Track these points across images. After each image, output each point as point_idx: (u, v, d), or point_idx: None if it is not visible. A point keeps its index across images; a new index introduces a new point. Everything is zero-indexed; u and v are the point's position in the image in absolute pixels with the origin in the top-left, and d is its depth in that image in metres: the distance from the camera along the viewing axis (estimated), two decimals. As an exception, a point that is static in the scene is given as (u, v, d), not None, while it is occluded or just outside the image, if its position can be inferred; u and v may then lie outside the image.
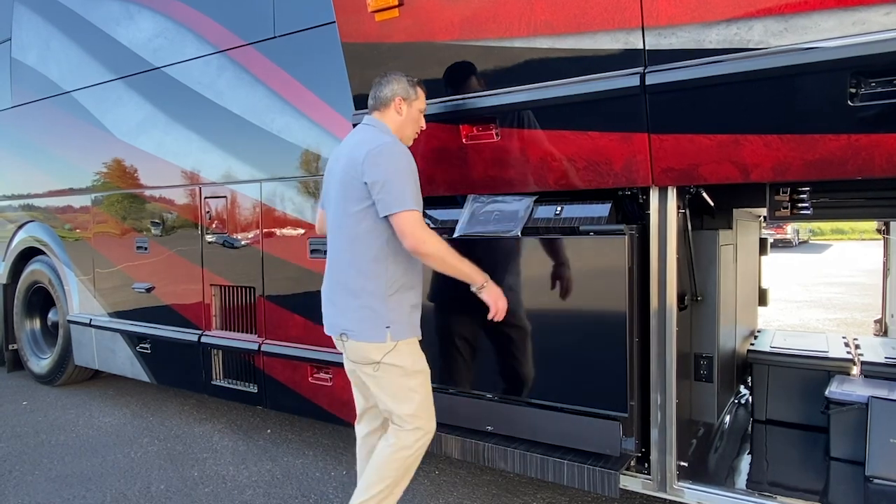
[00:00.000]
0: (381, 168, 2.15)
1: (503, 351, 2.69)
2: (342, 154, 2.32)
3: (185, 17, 3.94)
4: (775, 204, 2.31)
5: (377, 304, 2.21)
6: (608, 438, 2.44)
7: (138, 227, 4.41)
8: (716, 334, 2.75)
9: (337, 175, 2.31)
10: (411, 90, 2.37)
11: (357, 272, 2.22)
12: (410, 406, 2.27)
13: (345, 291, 2.26)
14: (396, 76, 2.37)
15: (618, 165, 2.31)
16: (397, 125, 2.36)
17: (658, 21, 2.07)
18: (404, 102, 2.36)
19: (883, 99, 1.82)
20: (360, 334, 2.23)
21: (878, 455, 2.44)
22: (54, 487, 3.24)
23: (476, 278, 2.34)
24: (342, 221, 2.27)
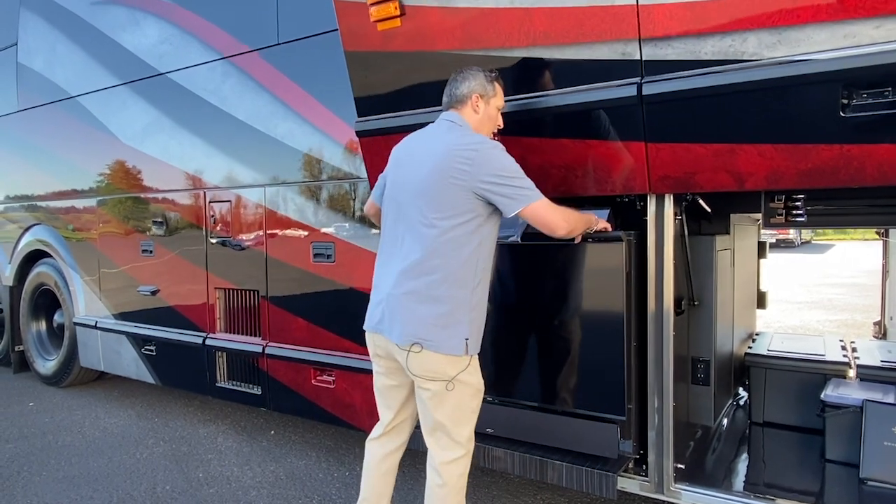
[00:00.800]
0: (493, 165, 2.06)
1: (504, 355, 2.72)
2: (422, 154, 2.18)
3: (190, 24, 4.00)
4: (770, 211, 2.35)
5: (462, 312, 2.08)
6: (606, 441, 2.48)
7: (143, 230, 4.46)
8: (713, 338, 2.79)
9: (420, 175, 2.13)
10: (489, 86, 2.25)
11: (447, 279, 2.06)
12: (469, 427, 2.17)
13: (422, 298, 2.07)
14: (473, 72, 2.25)
15: (615, 173, 2.36)
16: (475, 123, 2.25)
17: (654, 32, 2.11)
18: (481, 100, 2.24)
19: (873, 110, 1.86)
20: (440, 345, 2.05)
21: (872, 457, 2.48)
22: (62, 488, 3.30)
23: (592, 221, 2.34)
24: (425, 225, 2.09)
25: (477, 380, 2.17)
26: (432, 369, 2.08)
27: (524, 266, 2.67)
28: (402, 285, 2.11)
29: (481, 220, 2.10)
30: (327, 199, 3.47)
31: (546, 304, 2.62)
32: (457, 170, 2.05)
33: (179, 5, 4.05)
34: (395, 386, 2.29)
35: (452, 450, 2.15)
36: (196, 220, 4.11)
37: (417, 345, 2.06)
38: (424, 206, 2.10)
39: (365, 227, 3.30)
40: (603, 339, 2.47)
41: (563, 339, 2.59)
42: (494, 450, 2.66)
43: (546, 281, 2.61)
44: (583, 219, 2.27)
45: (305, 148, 3.52)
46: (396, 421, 2.34)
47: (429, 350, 2.06)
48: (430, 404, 2.13)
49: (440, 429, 2.15)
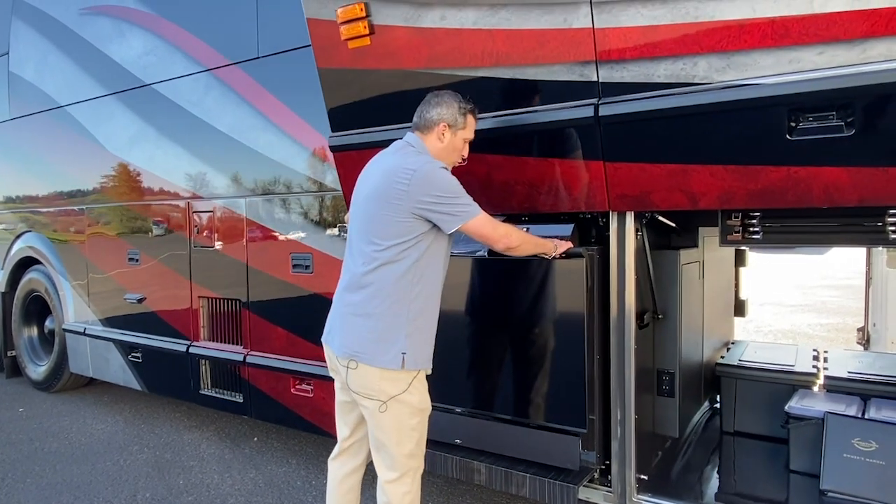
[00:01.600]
0: (433, 185, 2.08)
1: (469, 367, 2.78)
2: (374, 172, 2.22)
3: (174, 36, 4.05)
4: (727, 228, 2.39)
5: (397, 328, 2.09)
6: (568, 453, 2.53)
7: (130, 238, 4.52)
8: (677, 350, 2.83)
9: (366, 192, 2.20)
10: (460, 118, 2.25)
11: (376, 293, 2.09)
12: (409, 445, 2.16)
13: (359, 312, 2.12)
14: (448, 100, 2.25)
15: (577, 191, 2.40)
16: (437, 151, 2.24)
17: (610, 55, 2.16)
18: (448, 130, 2.24)
19: (818, 134, 1.90)
20: (374, 358, 2.08)
21: (833, 469, 2.52)
22: (44, 495, 3.36)
23: (550, 247, 2.36)
24: (365, 240, 2.15)
25: (418, 399, 2.15)
26: (368, 386, 2.10)
27: (490, 280, 2.73)
28: (343, 299, 2.19)
29: (420, 237, 2.12)
30: (305, 210, 3.52)
31: (510, 318, 2.67)
32: (395, 190, 2.09)
33: (164, 18, 4.10)
34: (348, 402, 2.30)
35: (393, 469, 2.16)
36: (180, 229, 4.16)
37: (353, 360, 2.10)
38: (365, 225, 2.17)
39: (342, 239, 3.35)
40: (564, 353, 2.52)
41: (526, 352, 2.63)
42: (462, 460, 2.71)
43: (510, 295, 2.65)
44: (532, 240, 2.31)
45: (284, 160, 3.57)
46: (352, 439, 2.35)
47: (363, 364, 2.08)
48: (371, 422, 2.16)
49: (381, 447, 2.17)
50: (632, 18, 2.08)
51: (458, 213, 2.11)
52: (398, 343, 2.08)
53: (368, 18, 2.63)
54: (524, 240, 2.27)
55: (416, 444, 2.19)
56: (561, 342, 2.53)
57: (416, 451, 2.19)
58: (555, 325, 2.56)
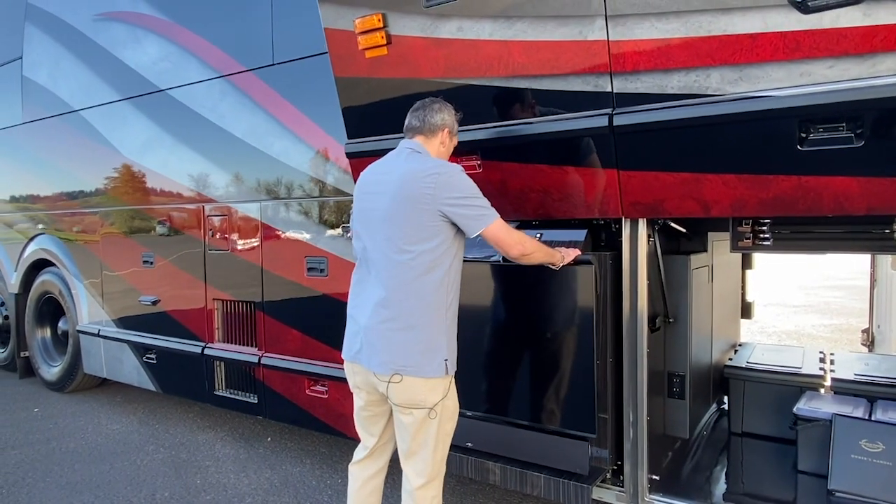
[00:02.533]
0: (457, 188, 2.11)
1: (480, 372, 2.80)
2: (386, 181, 2.19)
3: (189, 43, 4.11)
4: (738, 235, 2.45)
5: (439, 336, 2.13)
6: (577, 457, 2.58)
7: (144, 241, 4.59)
8: (688, 353, 2.89)
9: (386, 203, 2.16)
10: (455, 125, 2.35)
11: (421, 305, 2.10)
12: (444, 451, 2.22)
13: (400, 326, 2.11)
14: (447, 106, 2.31)
15: (590, 198, 2.46)
16: (437, 155, 2.29)
17: (624, 67, 2.22)
18: (450, 135, 2.32)
19: (828, 144, 1.96)
20: (421, 369, 2.09)
21: (841, 470, 2.57)
22: (65, 494, 3.43)
23: (558, 257, 2.38)
24: (394, 250, 2.12)
25: (454, 403, 2.24)
26: (413, 398, 2.12)
27: (500, 286, 2.78)
28: (379, 314, 2.14)
29: (449, 241, 2.15)
30: (320, 215, 3.58)
31: (519, 323, 2.73)
32: (422, 194, 2.10)
33: (179, 24, 4.17)
34: (375, 415, 2.33)
35: (427, 474, 2.19)
36: (195, 233, 4.23)
37: (398, 374, 2.10)
38: (393, 233, 2.13)
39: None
40: (574, 359, 2.57)
41: (536, 357, 2.68)
42: (477, 460, 2.77)
43: (520, 301, 2.71)
44: (543, 249, 2.34)
45: (299, 165, 3.64)
46: (378, 444, 2.38)
47: (410, 377, 2.09)
48: (411, 430, 2.16)
49: (415, 454, 2.19)
50: (646, 31, 2.14)
51: (481, 215, 2.14)
52: (441, 351, 2.13)
53: (386, 29, 2.69)
54: (536, 248, 2.30)
55: (446, 451, 2.25)
56: (570, 348, 2.58)
57: (445, 455, 2.25)
58: (564, 330, 2.61)
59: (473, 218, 2.13)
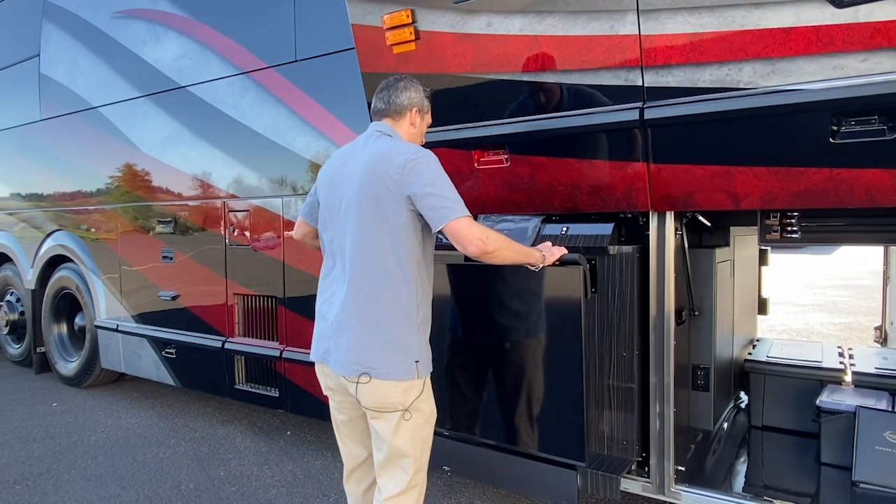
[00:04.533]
0: (426, 177, 1.93)
1: (457, 386, 2.64)
2: (356, 168, 2.03)
3: (210, 40, 4.15)
4: (766, 228, 2.48)
5: (408, 335, 1.97)
6: (564, 487, 2.36)
7: (164, 236, 4.62)
8: (713, 346, 2.92)
9: (352, 191, 2.01)
10: (426, 102, 2.21)
11: (389, 301, 1.95)
12: (423, 458, 2.05)
13: (366, 324, 1.96)
14: (414, 84, 2.17)
15: (619, 191, 2.49)
16: (409, 137, 2.15)
17: (656, 61, 2.24)
18: (419, 115, 2.18)
19: (860, 137, 1.98)
20: (389, 371, 1.94)
21: (864, 461, 2.60)
22: (90, 486, 3.46)
23: (536, 257, 2.17)
24: (361, 244, 1.98)
25: (430, 405, 2.07)
26: (384, 401, 1.96)
27: (476, 291, 2.62)
28: (346, 311, 1.99)
29: (418, 233, 1.99)
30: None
31: (499, 333, 2.55)
32: (390, 181, 1.94)
33: (200, 21, 4.20)
34: (353, 420, 2.16)
35: (405, 483, 2.02)
36: (215, 228, 4.26)
37: (366, 375, 1.94)
38: (359, 224, 1.98)
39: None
40: (560, 376, 2.37)
41: (517, 373, 2.48)
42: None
43: (497, 307, 2.56)
44: (514, 247, 2.09)
45: (323, 160, 3.65)
46: (364, 456, 2.20)
47: (378, 379, 1.94)
48: (385, 435, 2.00)
49: (394, 462, 2.02)
50: (679, 26, 2.17)
51: (447, 208, 1.92)
52: (412, 351, 1.97)
53: (414, 24, 2.72)
54: (503, 245, 2.01)
55: (426, 455, 2.08)
56: (555, 363, 2.39)
57: (425, 464, 2.08)
58: (547, 343, 2.40)
59: (438, 209, 1.91)
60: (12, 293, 6.36)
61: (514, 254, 2.09)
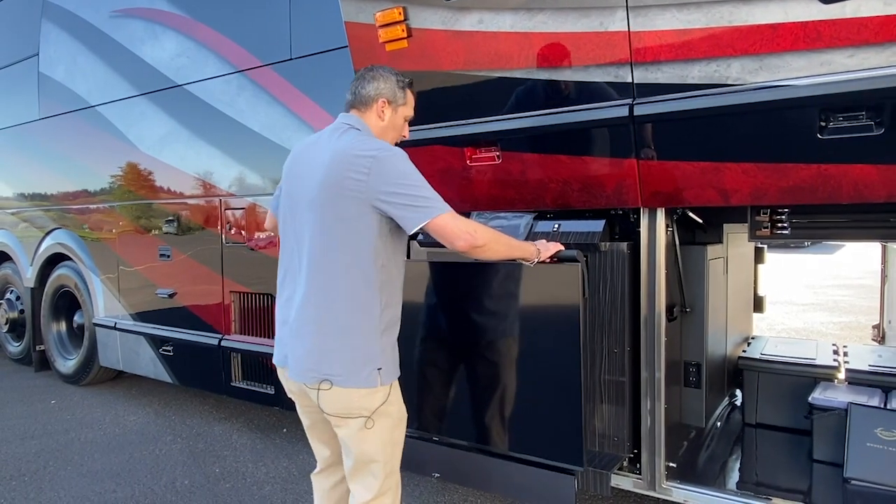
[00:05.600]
0: (392, 175, 1.82)
1: (447, 389, 2.59)
2: (315, 162, 1.92)
3: (207, 38, 4.16)
4: (756, 224, 2.48)
5: (370, 341, 1.87)
6: (562, 493, 2.29)
7: (161, 235, 4.64)
8: (704, 343, 2.92)
9: (311, 186, 1.90)
10: (399, 92, 2.05)
11: (349, 305, 1.85)
12: (393, 463, 1.98)
13: (328, 330, 1.86)
14: (384, 73, 2.05)
15: (609, 188, 2.49)
16: (378, 131, 2.02)
17: (645, 57, 2.25)
18: (389, 106, 2.04)
19: (848, 133, 1.99)
20: (349, 379, 1.85)
21: (856, 458, 2.60)
22: (86, 482, 3.48)
23: (530, 251, 2.08)
24: (321, 244, 1.88)
25: (397, 409, 1.98)
26: (346, 408, 1.88)
27: (471, 289, 2.55)
28: (303, 315, 1.89)
29: (384, 234, 1.89)
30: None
31: (493, 333, 2.49)
32: (352, 180, 1.82)
33: (196, 20, 4.22)
34: (317, 423, 2.10)
35: (377, 488, 1.95)
36: (212, 226, 4.28)
37: (326, 381, 1.85)
38: (319, 222, 1.87)
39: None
40: (557, 376, 2.30)
41: (512, 373, 2.41)
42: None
43: (495, 307, 2.49)
44: (504, 240, 2.02)
45: (317, 158, 3.68)
46: (335, 454, 2.13)
47: (339, 386, 1.85)
48: (350, 442, 1.93)
49: (363, 469, 1.95)
50: (667, 22, 2.17)
51: (425, 207, 1.82)
52: (374, 359, 1.88)
53: (406, 22, 2.73)
54: (493, 238, 1.95)
55: (397, 460, 2.02)
56: (552, 364, 2.32)
57: (396, 467, 2.02)
58: (544, 343, 2.35)
59: (416, 209, 1.81)
60: (12, 291, 6.39)
61: (506, 248, 2.03)
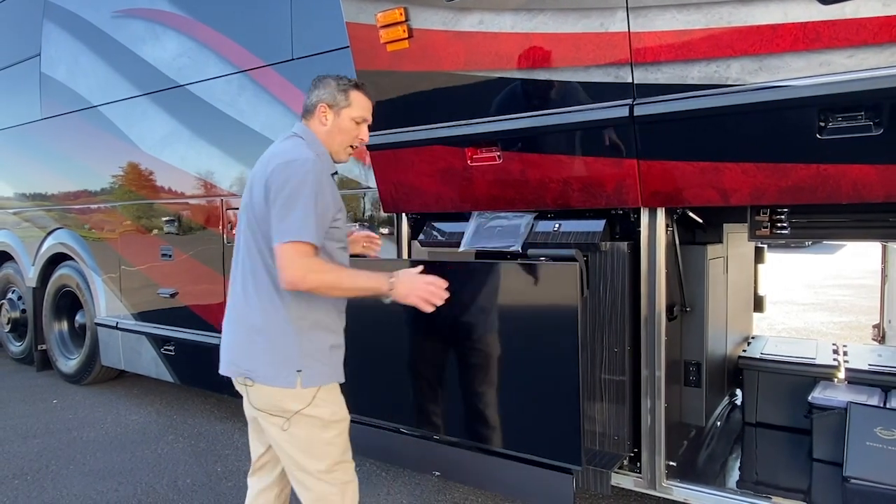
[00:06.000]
0: (281, 185, 1.85)
1: (447, 388, 2.60)
2: (257, 166, 2.02)
3: (208, 39, 4.18)
4: (756, 224, 2.49)
5: (287, 344, 1.89)
6: (560, 491, 2.28)
7: (163, 235, 4.65)
8: (704, 342, 2.93)
9: (247, 188, 2.03)
10: (340, 96, 2.04)
11: (259, 304, 1.91)
12: (326, 461, 1.95)
13: (247, 327, 1.93)
14: (325, 80, 2.08)
15: (610, 188, 2.50)
16: (324, 136, 2.05)
17: (645, 58, 2.26)
18: (330, 110, 2.04)
19: (847, 133, 2.00)
20: (267, 378, 1.89)
21: (856, 457, 2.61)
22: (89, 481, 3.49)
23: (381, 286, 1.94)
24: (247, 243, 1.97)
25: (327, 411, 1.94)
26: (271, 403, 1.91)
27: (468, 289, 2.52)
28: (230, 311, 2.01)
29: None
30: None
31: (491, 332, 2.49)
32: (263, 184, 1.91)
33: (198, 20, 4.23)
34: (253, 419, 2.10)
35: (314, 488, 1.95)
36: (213, 226, 4.29)
37: (248, 378, 1.91)
38: (248, 225, 1.98)
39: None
40: (555, 376, 2.29)
41: (510, 373, 2.42)
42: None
43: (493, 307, 2.49)
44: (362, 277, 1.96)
45: (318, 158, 3.69)
46: (267, 455, 2.13)
47: (260, 384, 1.90)
48: (279, 441, 1.95)
49: (296, 467, 1.96)
50: (667, 23, 2.18)
51: (284, 228, 1.83)
52: (292, 360, 1.89)
53: (407, 22, 2.74)
54: (329, 284, 1.88)
55: (336, 460, 1.98)
56: (550, 363, 2.31)
57: (337, 467, 1.98)
58: (542, 343, 2.33)
59: (278, 225, 1.83)
60: (14, 291, 6.40)
61: (352, 290, 1.95)
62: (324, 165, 2.00)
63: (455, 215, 3.08)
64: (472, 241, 2.91)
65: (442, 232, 3.10)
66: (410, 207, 3.15)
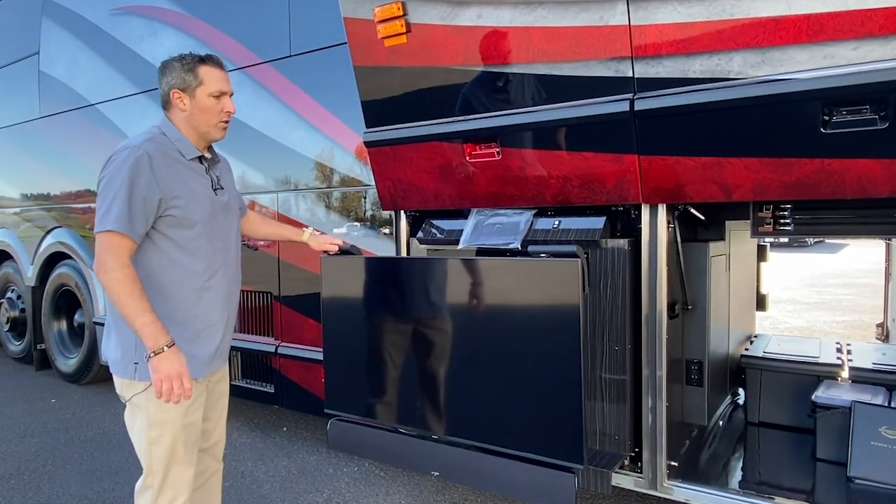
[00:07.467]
0: (101, 181, 1.92)
1: (446, 386, 2.56)
2: None
3: (206, 35, 4.15)
4: (758, 220, 2.45)
5: (122, 335, 1.95)
6: (561, 492, 2.22)
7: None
8: (706, 340, 2.89)
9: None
10: (188, 76, 1.97)
11: (108, 297, 1.95)
12: (147, 460, 1.99)
13: (112, 316, 2.03)
14: (170, 64, 2.00)
15: (610, 184, 2.47)
16: (188, 122, 2.01)
17: (646, 52, 2.22)
18: (185, 94, 1.98)
19: (852, 127, 1.96)
20: (115, 366, 2.00)
21: (860, 456, 2.57)
22: (85, 481, 3.47)
23: (149, 343, 1.81)
24: None
25: (154, 408, 1.93)
26: (120, 390, 2.03)
27: (469, 284, 2.50)
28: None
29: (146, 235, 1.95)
30: (337, 204, 3.61)
31: (492, 329, 2.43)
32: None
33: (195, 17, 4.20)
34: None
35: (143, 478, 2.03)
36: (211, 225, 4.25)
37: (109, 363, 2.06)
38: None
39: (373, 232, 3.43)
40: (557, 373, 2.23)
41: (511, 371, 2.35)
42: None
43: (493, 303, 2.44)
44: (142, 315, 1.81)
45: (316, 155, 3.66)
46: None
47: (112, 370, 2.03)
48: (127, 426, 2.06)
49: (136, 451, 2.06)
50: (668, 15, 2.15)
51: (97, 219, 1.88)
52: (128, 352, 1.94)
53: (405, 17, 2.71)
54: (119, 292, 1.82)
55: (157, 461, 1.97)
56: (551, 361, 2.24)
57: (155, 469, 1.97)
58: (546, 338, 2.27)
59: (96, 213, 1.89)
60: (13, 290, 6.38)
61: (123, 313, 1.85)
62: (164, 150, 1.94)
63: (454, 212, 3.05)
64: (472, 238, 2.87)
65: (441, 229, 3.07)
66: (409, 205, 3.12)
